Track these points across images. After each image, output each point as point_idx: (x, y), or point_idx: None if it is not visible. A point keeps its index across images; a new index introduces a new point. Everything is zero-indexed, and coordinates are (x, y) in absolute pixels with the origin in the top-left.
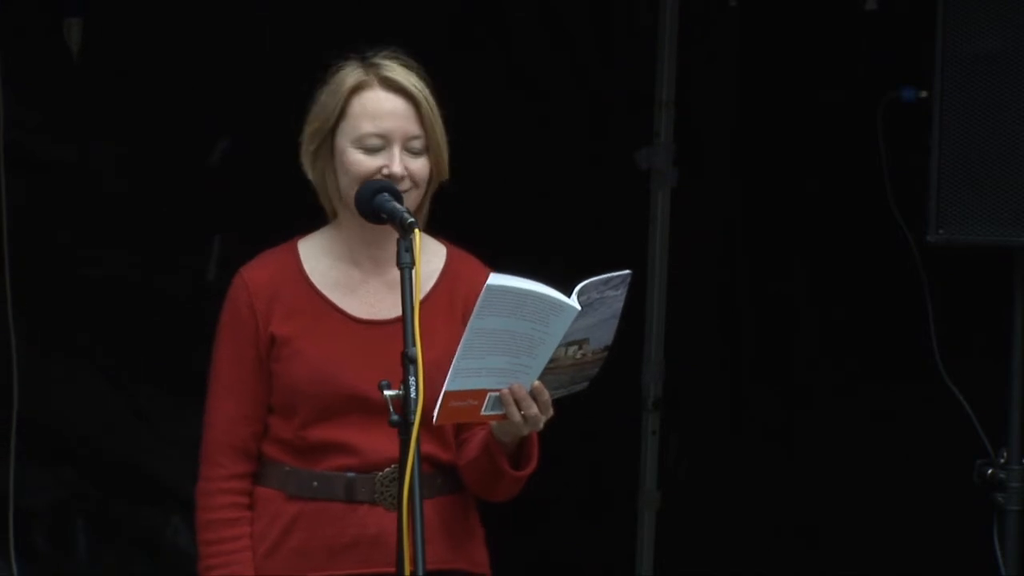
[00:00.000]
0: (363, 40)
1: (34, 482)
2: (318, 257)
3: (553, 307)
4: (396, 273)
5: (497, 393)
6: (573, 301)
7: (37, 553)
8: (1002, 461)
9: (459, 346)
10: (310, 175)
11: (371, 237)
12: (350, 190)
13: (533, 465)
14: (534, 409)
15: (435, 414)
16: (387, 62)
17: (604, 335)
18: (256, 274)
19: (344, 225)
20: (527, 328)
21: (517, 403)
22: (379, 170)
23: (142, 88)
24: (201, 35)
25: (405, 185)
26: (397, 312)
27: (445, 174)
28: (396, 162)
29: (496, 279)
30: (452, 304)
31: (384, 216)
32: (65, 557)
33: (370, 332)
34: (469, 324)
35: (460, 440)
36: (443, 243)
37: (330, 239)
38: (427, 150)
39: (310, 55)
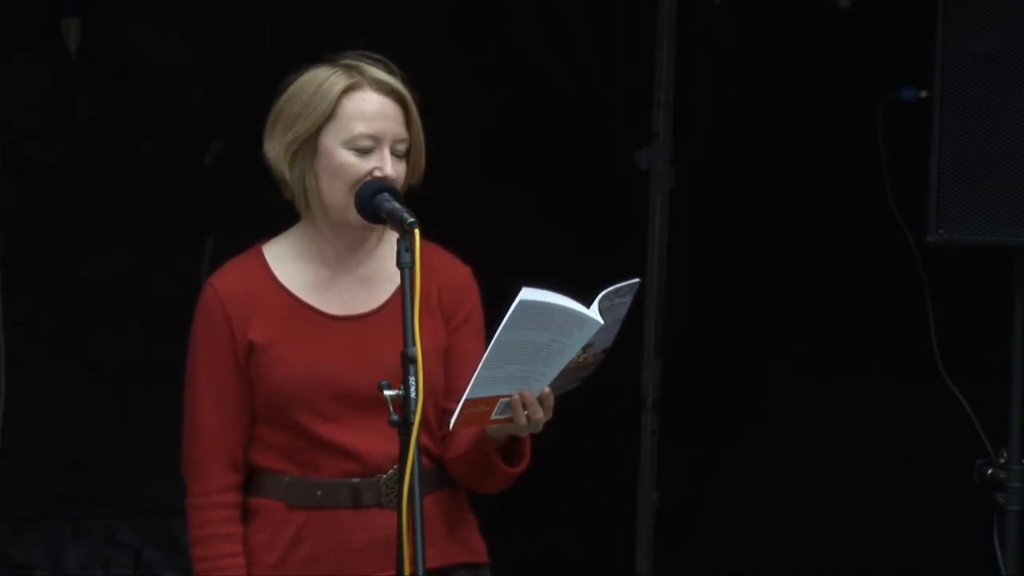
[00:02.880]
0: (363, 40)
1: (23, 483)
2: (285, 260)
3: (578, 320)
4: (366, 269)
5: (508, 398)
6: (595, 314)
7: (25, 555)
8: (1002, 461)
9: (483, 357)
10: (287, 175)
11: (344, 239)
12: (335, 192)
13: (526, 462)
14: (540, 414)
15: (452, 421)
16: (368, 64)
17: (607, 339)
18: (227, 283)
19: (317, 226)
20: (548, 339)
21: (525, 407)
22: (371, 172)
23: (141, 88)
24: (201, 35)
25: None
26: (371, 306)
27: (420, 177)
28: (388, 164)
29: (528, 295)
30: (427, 295)
31: (384, 216)
32: (53, 560)
33: (347, 328)
34: (496, 336)
35: (444, 432)
36: None
37: (297, 241)
38: (408, 153)
39: (310, 55)
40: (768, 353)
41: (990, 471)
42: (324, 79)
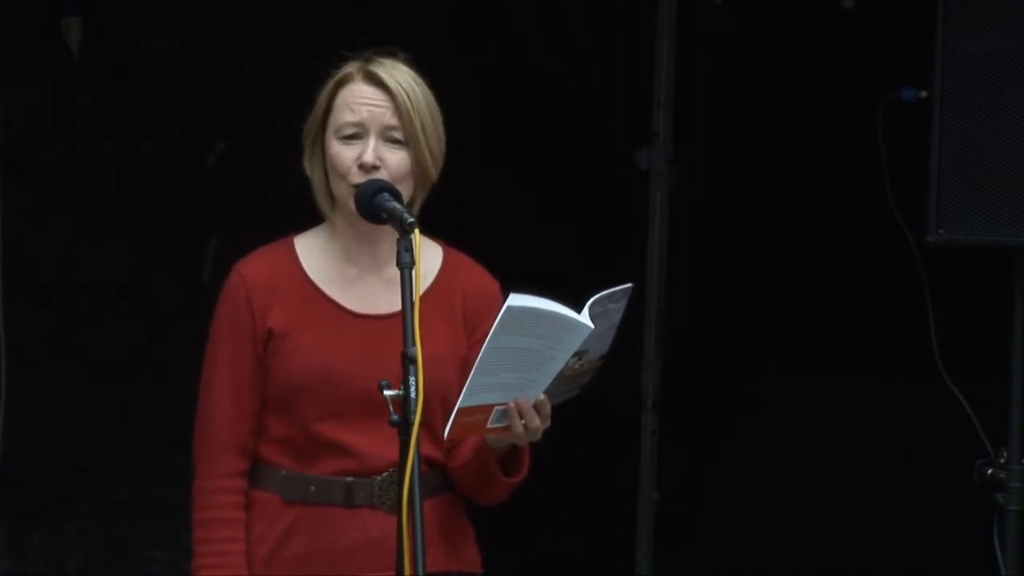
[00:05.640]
0: (363, 40)
1: (23, 483)
2: (314, 254)
3: (568, 326)
4: (393, 270)
5: (503, 406)
6: (586, 319)
7: (25, 555)
8: (1002, 461)
9: (475, 364)
10: (308, 172)
11: (365, 235)
12: (335, 184)
13: (524, 472)
14: (536, 421)
15: (447, 430)
16: (378, 58)
17: (602, 345)
18: (253, 269)
19: (337, 222)
20: (540, 345)
21: (521, 416)
22: (355, 160)
23: (142, 88)
24: (201, 35)
25: (381, 175)
26: (394, 307)
27: (433, 174)
28: (369, 150)
29: (516, 300)
30: (451, 303)
31: (384, 216)
32: (53, 560)
33: (367, 326)
34: (486, 343)
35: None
36: (439, 243)
37: (326, 237)
38: (407, 144)
39: (310, 55)
40: (768, 353)
41: (990, 471)
42: (331, 77)
